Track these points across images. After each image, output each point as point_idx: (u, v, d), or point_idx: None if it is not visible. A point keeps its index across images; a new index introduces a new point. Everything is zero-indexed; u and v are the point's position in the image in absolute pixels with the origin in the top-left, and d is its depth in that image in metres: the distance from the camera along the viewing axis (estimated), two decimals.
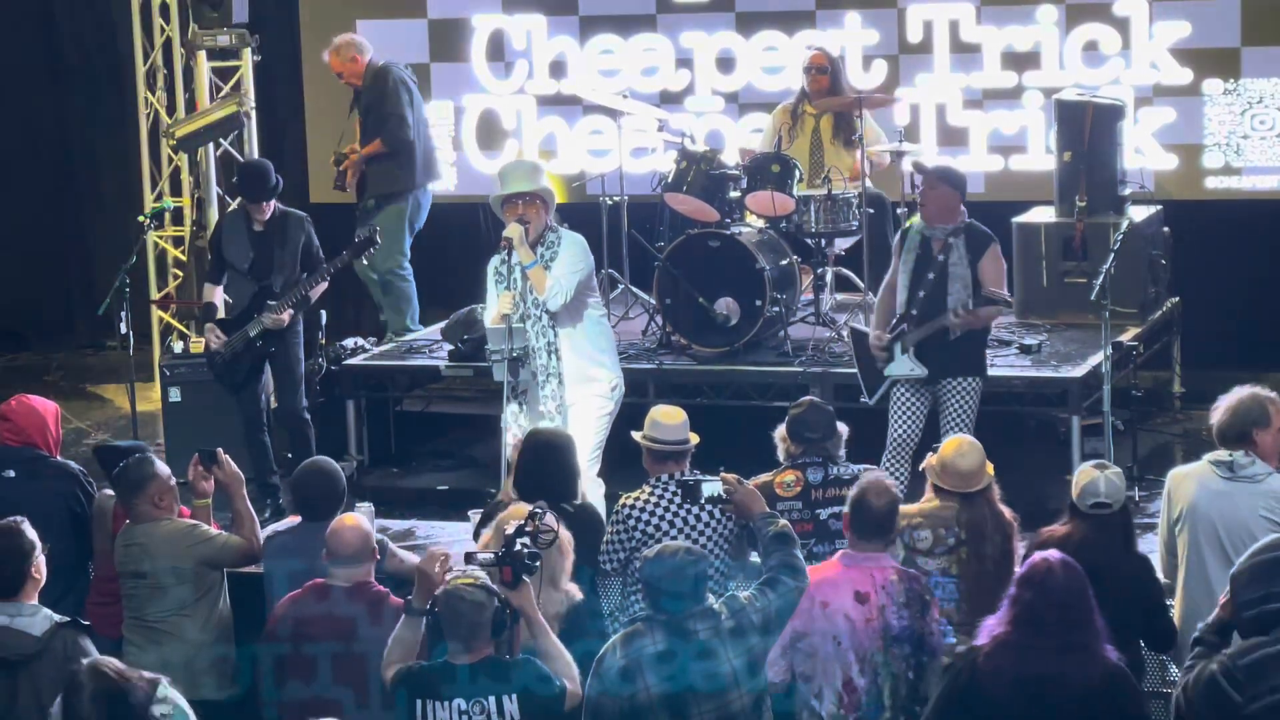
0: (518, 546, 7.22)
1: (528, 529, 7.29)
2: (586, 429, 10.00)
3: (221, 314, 11.67)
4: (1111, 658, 6.77)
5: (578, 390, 10.08)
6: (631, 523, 8.24)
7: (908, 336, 10.09)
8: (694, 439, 8.51)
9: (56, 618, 7.22)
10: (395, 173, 13.11)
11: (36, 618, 7.19)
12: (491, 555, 7.25)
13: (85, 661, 6.48)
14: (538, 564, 7.23)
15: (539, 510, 7.44)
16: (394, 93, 13.04)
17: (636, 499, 8.31)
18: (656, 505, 8.25)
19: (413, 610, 7.26)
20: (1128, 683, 6.83)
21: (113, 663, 6.43)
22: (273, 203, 11.47)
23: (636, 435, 8.51)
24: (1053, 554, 6.91)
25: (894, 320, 10.16)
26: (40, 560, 7.39)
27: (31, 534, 7.41)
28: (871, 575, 7.52)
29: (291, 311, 11.31)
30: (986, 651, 6.80)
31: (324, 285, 11.52)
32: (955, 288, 10.05)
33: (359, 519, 7.93)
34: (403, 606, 7.45)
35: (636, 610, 7.54)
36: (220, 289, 11.71)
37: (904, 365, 10.12)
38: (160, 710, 6.66)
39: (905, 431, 10.12)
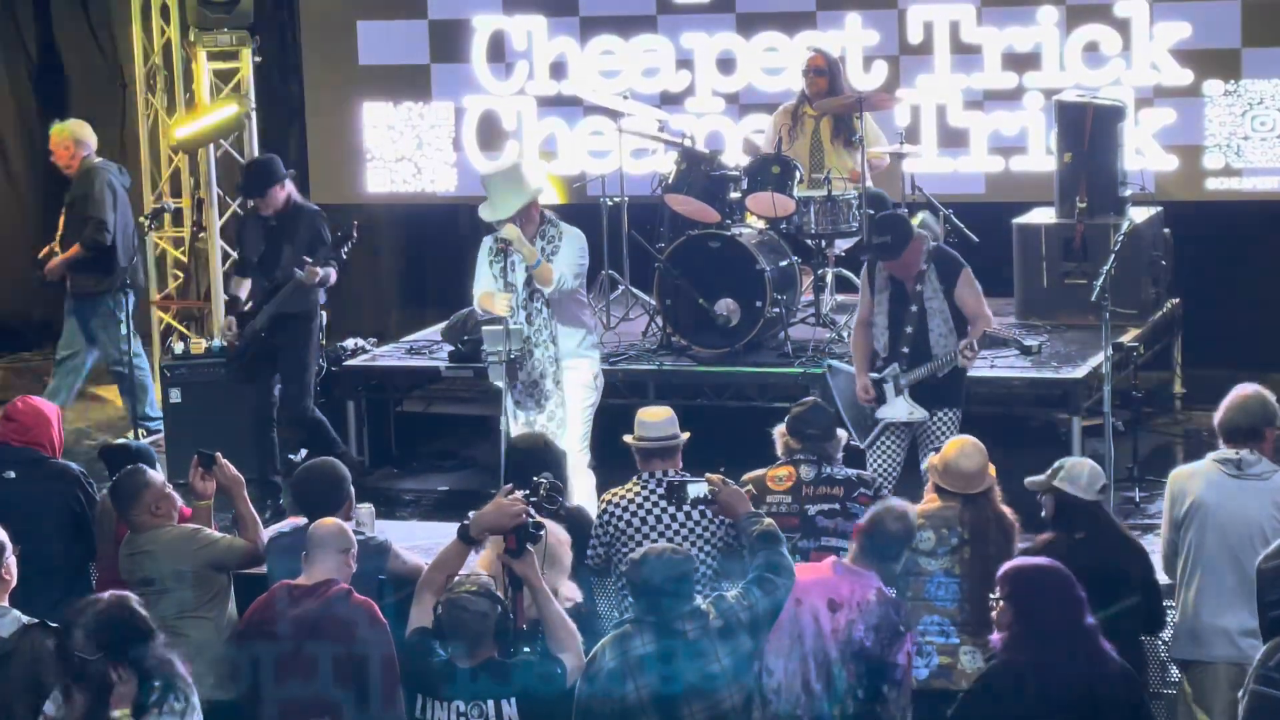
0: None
1: (533, 498, 7.29)
2: (574, 419, 10.20)
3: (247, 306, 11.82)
4: (1115, 655, 6.79)
5: (565, 378, 10.19)
6: (606, 518, 8.32)
7: (901, 379, 9.90)
8: (684, 435, 8.54)
9: (25, 619, 7.19)
10: (98, 275, 12.84)
11: (5, 619, 7.18)
12: None
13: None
14: (542, 532, 7.24)
15: (543, 480, 7.44)
16: (99, 197, 12.77)
17: (619, 496, 8.37)
18: (636, 503, 8.30)
19: (466, 538, 7.26)
20: (1137, 679, 6.86)
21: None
22: (283, 196, 11.48)
23: (628, 438, 8.55)
24: (1041, 560, 6.95)
25: (882, 360, 9.98)
26: (10, 561, 7.37)
27: (1, 535, 7.39)
28: (852, 589, 7.49)
29: (321, 271, 11.27)
30: (1000, 665, 6.80)
31: (329, 274, 11.43)
32: (935, 323, 9.89)
33: (337, 520, 7.89)
34: (365, 603, 7.48)
35: (626, 611, 7.55)
36: (248, 281, 11.83)
37: (901, 409, 9.92)
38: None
39: (886, 472, 9.93)
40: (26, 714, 6.97)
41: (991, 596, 6.98)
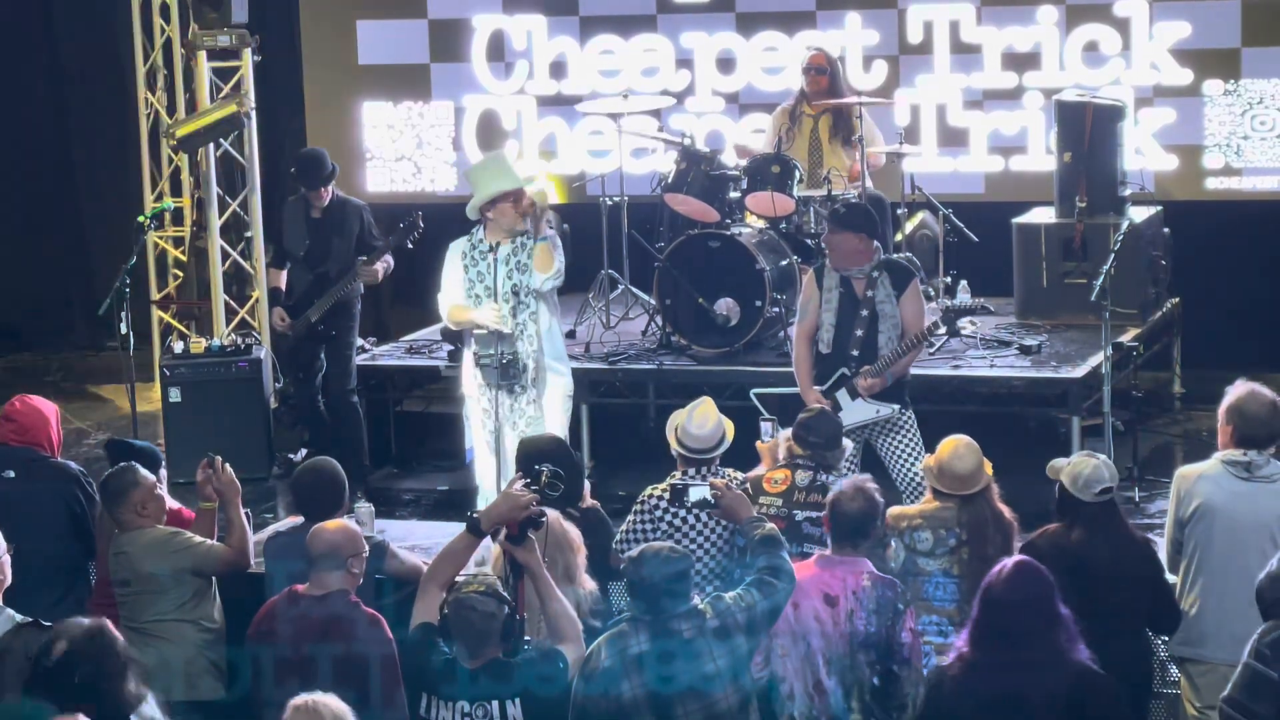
0: None
1: (534, 486, 7.29)
2: (553, 427, 10.01)
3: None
4: (1080, 658, 6.66)
5: (548, 387, 10.13)
6: (659, 514, 8.31)
7: (851, 381, 9.81)
8: (729, 435, 8.56)
9: (19, 618, 7.18)
10: None
11: None
12: None
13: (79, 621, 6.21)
14: (544, 520, 7.24)
15: (543, 468, 7.43)
16: None
17: (658, 493, 8.36)
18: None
19: (475, 530, 7.23)
20: (1098, 682, 6.69)
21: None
22: (330, 190, 11.96)
23: (670, 435, 8.57)
24: (1007, 563, 6.82)
25: (824, 357, 9.91)
26: (5, 561, 7.36)
27: None
28: (844, 579, 7.51)
29: (381, 266, 11.91)
30: (953, 674, 6.73)
31: (387, 265, 12.05)
32: (885, 327, 9.86)
33: (343, 522, 7.85)
34: (373, 617, 7.47)
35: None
36: (284, 274, 12.16)
37: (866, 410, 9.84)
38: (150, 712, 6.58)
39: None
40: None
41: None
